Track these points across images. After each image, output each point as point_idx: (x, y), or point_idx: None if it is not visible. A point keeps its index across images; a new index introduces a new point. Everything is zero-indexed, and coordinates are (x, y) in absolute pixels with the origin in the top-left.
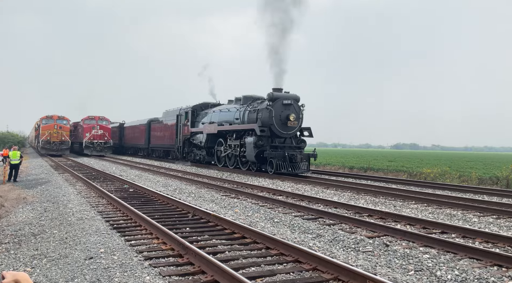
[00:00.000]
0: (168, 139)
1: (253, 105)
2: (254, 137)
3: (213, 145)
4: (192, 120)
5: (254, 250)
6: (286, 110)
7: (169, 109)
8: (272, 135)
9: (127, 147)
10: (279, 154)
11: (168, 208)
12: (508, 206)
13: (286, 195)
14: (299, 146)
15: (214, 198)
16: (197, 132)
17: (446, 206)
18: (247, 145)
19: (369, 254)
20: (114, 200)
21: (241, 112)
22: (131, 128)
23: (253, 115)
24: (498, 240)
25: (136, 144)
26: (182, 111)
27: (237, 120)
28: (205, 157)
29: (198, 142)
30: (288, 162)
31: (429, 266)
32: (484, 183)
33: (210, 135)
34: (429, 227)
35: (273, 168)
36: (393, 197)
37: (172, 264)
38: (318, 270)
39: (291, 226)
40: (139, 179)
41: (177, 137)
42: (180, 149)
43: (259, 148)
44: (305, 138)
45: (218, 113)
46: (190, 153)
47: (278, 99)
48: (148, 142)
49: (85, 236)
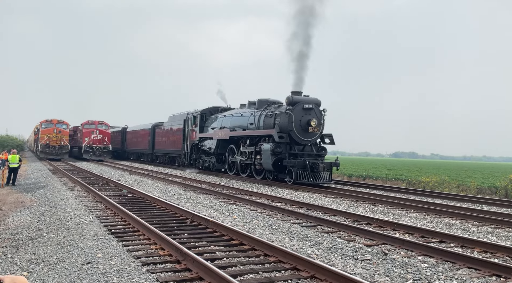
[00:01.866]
0: (174, 144)
1: (270, 110)
2: (271, 144)
3: (224, 151)
4: (201, 125)
5: (252, 257)
6: (307, 115)
7: (175, 114)
8: (291, 142)
9: (130, 152)
10: (299, 162)
11: (166, 214)
12: (507, 216)
13: (284, 202)
14: (319, 154)
15: (212, 204)
16: (206, 137)
17: (444, 215)
18: (263, 152)
19: (368, 262)
20: (112, 205)
21: (256, 117)
22: (134, 133)
23: (270, 120)
24: (496, 250)
25: (139, 149)
26: (190, 116)
27: (251, 126)
28: (214, 164)
29: (207, 148)
30: (309, 171)
31: (427, 275)
32: (483, 192)
33: (220, 141)
34: (427, 236)
35: (292, 177)
36: (391, 205)
37: (170, 270)
38: (316, 278)
39: (289, 233)
40: (138, 184)
41: (184, 143)
42: (188, 155)
43: (276, 156)
44: (325, 146)
45: (230, 117)
46: (198, 160)
47: (298, 103)
48: (152, 147)
49: (82, 240)
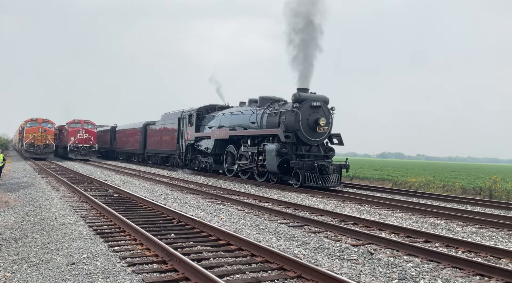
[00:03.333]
0: (168, 144)
1: (274, 108)
2: (276, 144)
3: (222, 151)
4: (197, 124)
5: (239, 257)
6: (315, 114)
7: (169, 112)
8: (298, 142)
9: (119, 152)
10: (307, 164)
11: (153, 214)
12: (491, 216)
13: (272, 202)
14: (327, 155)
15: (200, 204)
16: (203, 137)
17: (430, 215)
18: (268, 152)
19: (354, 262)
20: (98, 205)
21: (259, 115)
22: (124, 132)
23: (275, 119)
24: (480, 250)
25: (129, 149)
26: (185, 114)
27: (253, 125)
28: (212, 165)
29: (204, 148)
30: (317, 174)
31: (412, 274)
32: (468, 193)
33: (219, 141)
34: (413, 236)
35: (298, 180)
36: (378, 205)
37: (156, 270)
38: (302, 277)
39: (276, 233)
40: (124, 184)
41: (178, 143)
42: (182, 156)
43: (282, 157)
44: (333, 147)
45: (229, 116)
46: (194, 160)
47: (305, 100)
48: (144, 147)
49: (67, 241)
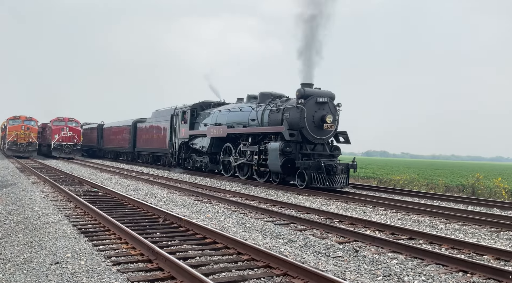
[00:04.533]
0: (159, 142)
1: (276, 104)
2: (280, 143)
3: (219, 150)
4: (191, 122)
5: (225, 255)
6: (321, 111)
7: (160, 109)
8: (303, 140)
9: (107, 151)
10: (313, 164)
11: (138, 213)
12: (474, 213)
13: (258, 200)
14: (332, 154)
15: (186, 203)
16: (198, 135)
17: (414, 212)
18: (270, 151)
19: (339, 259)
20: (82, 204)
21: (259, 112)
22: (112, 129)
23: (277, 115)
24: (463, 247)
25: (118, 147)
26: (178, 111)
27: (253, 122)
28: (207, 165)
29: (199, 146)
30: (324, 174)
31: (397, 271)
32: (451, 190)
33: (215, 139)
34: (397, 233)
35: (303, 181)
36: (363, 203)
37: (141, 269)
38: (288, 275)
39: (263, 231)
40: (109, 182)
41: (171, 141)
42: (175, 154)
43: (286, 156)
44: (338, 145)
45: (226, 113)
46: (188, 159)
47: (310, 96)
48: (134, 145)
49: (51, 240)
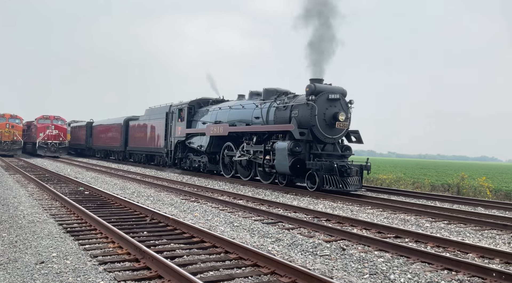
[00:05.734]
0: (153, 141)
1: (283, 101)
2: (288, 142)
3: (218, 149)
4: (188, 119)
5: (213, 254)
6: (332, 108)
7: (154, 107)
8: (314, 139)
9: (97, 149)
10: (326, 165)
11: (125, 212)
12: (459, 212)
13: (246, 199)
14: (344, 154)
15: (173, 202)
16: (196, 134)
17: (400, 211)
18: (278, 151)
19: (326, 257)
20: (68, 203)
21: (264, 109)
22: (102, 128)
23: (284, 113)
24: (448, 245)
25: (108, 146)
26: (174, 109)
27: (257, 120)
28: (206, 165)
29: (197, 145)
30: (337, 176)
31: (383, 269)
32: (436, 189)
33: (215, 138)
34: (384, 232)
35: (314, 183)
36: (350, 202)
37: (128, 268)
38: (276, 273)
39: (250, 230)
40: (96, 181)
41: (166, 140)
42: (171, 154)
43: (295, 156)
44: (349, 145)
45: (227, 110)
46: (185, 159)
47: (321, 92)
48: (125, 144)
49: (36, 239)
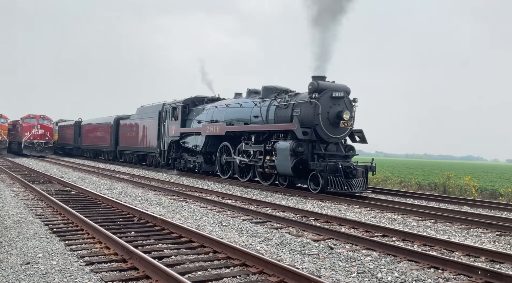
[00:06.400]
0: (145, 141)
1: (284, 98)
2: (291, 142)
3: (215, 149)
4: (183, 118)
5: (201, 254)
6: (336, 106)
7: (146, 105)
8: (317, 139)
9: (85, 149)
10: (330, 166)
11: (112, 212)
12: (445, 211)
13: (235, 198)
14: (347, 155)
15: (161, 202)
16: (190, 133)
17: (387, 210)
18: (279, 151)
19: (314, 257)
20: (54, 203)
21: (263, 108)
22: (91, 127)
23: (285, 111)
24: (435, 243)
25: (97, 146)
26: (167, 107)
27: (256, 119)
28: (202, 165)
29: (192, 145)
30: (342, 177)
31: (370, 268)
32: (423, 188)
33: (211, 137)
34: (371, 230)
35: (317, 184)
36: (338, 201)
37: (115, 269)
38: (264, 273)
39: (239, 230)
40: (82, 181)
41: (159, 139)
42: (165, 154)
43: (297, 157)
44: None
45: (224, 109)
46: (179, 159)
47: (325, 90)
48: (116, 144)
49: (22, 240)
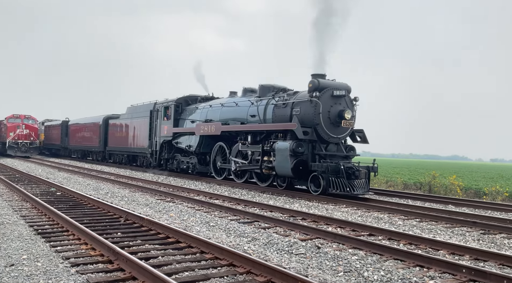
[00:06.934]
0: (136, 141)
1: (282, 97)
2: (290, 142)
3: (209, 150)
4: (176, 118)
5: (188, 255)
6: (337, 105)
7: (137, 104)
8: (318, 139)
9: (73, 149)
10: (332, 167)
11: (98, 213)
12: (430, 210)
13: (222, 198)
14: (347, 155)
15: (148, 202)
16: (184, 133)
17: (373, 209)
18: (279, 152)
19: (302, 256)
20: (39, 204)
21: (260, 107)
22: (79, 127)
23: (284, 111)
24: (420, 242)
25: (86, 146)
26: (159, 106)
27: (253, 118)
28: (196, 166)
29: (185, 145)
30: (345, 179)
31: (357, 267)
32: (409, 188)
33: (205, 137)
34: (358, 230)
35: (318, 186)
36: (325, 200)
37: (101, 270)
38: (252, 273)
39: (226, 230)
40: (68, 182)
41: (150, 140)
42: (156, 154)
43: (297, 157)
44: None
45: (219, 108)
46: (172, 160)
47: (326, 89)
48: (105, 144)
49: (6, 241)
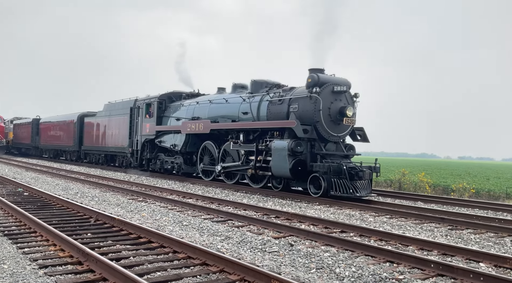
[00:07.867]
0: (115, 140)
1: (277, 93)
2: (289, 141)
3: (196, 149)
4: (159, 115)
5: (160, 255)
6: (338, 102)
7: (115, 101)
8: (318, 138)
9: (45, 149)
10: (334, 167)
11: (67, 213)
12: (400, 207)
13: (196, 197)
14: (347, 154)
15: (120, 202)
16: (168, 131)
17: (346, 206)
18: (275, 151)
19: (275, 254)
20: (6, 204)
21: (253, 103)
22: (51, 125)
23: (281, 107)
24: (390, 238)
25: (59, 145)
26: (140, 103)
27: (245, 116)
28: (181, 166)
29: (170, 145)
30: (347, 180)
31: (329, 263)
32: (380, 185)
33: (191, 136)
34: (330, 227)
35: (318, 187)
36: (299, 198)
37: (71, 272)
38: (225, 271)
39: (200, 229)
40: (36, 182)
41: (131, 138)
42: (137, 154)
43: (296, 157)
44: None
45: (207, 105)
46: (155, 160)
47: (326, 84)
48: (80, 143)
49: None
